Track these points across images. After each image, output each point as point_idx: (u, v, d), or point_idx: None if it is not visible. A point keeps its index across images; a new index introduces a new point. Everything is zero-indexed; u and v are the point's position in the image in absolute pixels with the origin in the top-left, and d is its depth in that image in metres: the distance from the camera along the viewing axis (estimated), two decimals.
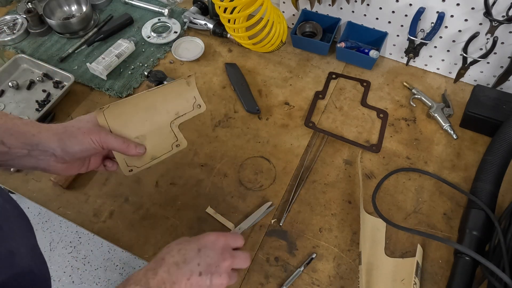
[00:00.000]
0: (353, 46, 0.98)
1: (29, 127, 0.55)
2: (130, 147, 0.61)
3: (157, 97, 0.66)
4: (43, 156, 0.55)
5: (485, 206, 0.70)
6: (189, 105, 0.68)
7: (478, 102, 0.84)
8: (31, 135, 0.54)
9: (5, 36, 1.06)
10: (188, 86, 0.68)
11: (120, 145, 0.60)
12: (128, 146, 0.61)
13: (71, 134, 0.56)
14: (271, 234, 0.75)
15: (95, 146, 0.57)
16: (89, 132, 0.57)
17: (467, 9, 0.82)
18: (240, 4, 0.89)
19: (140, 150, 0.62)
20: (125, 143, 0.60)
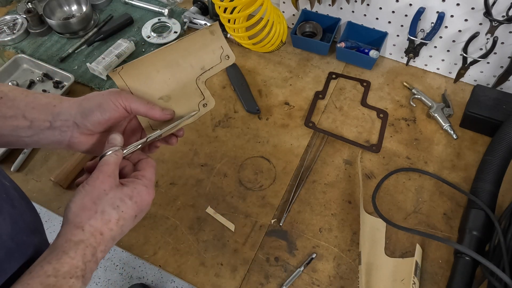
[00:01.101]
0: (353, 46, 0.98)
1: (50, 99, 0.53)
2: (155, 110, 0.55)
3: (178, 51, 0.59)
4: (66, 127, 0.52)
5: (485, 206, 0.70)
6: (216, 56, 0.60)
7: (478, 102, 0.84)
8: (52, 106, 0.52)
9: (5, 36, 1.06)
10: (212, 35, 0.60)
11: (144, 106, 0.54)
12: (152, 108, 0.54)
13: (90, 98, 0.53)
14: (271, 234, 0.75)
15: (116, 108, 0.52)
16: (109, 94, 0.53)
17: (467, 9, 0.82)
18: (240, 4, 0.89)
19: (168, 114, 0.56)
20: (149, 104, 0.54)
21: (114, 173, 0.48)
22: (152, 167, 0.53)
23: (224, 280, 0.70)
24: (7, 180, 0.48)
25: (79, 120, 0.52)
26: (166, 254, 0.73)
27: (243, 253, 0.73)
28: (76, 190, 0.47)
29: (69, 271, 0.42)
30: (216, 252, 0.73)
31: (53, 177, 0.80)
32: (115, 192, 0.47)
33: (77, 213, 0.45)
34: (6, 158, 0.85)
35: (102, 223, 0.46)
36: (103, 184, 0.47)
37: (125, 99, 0.53)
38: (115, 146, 0.51)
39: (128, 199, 0.48)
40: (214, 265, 0.72)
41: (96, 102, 0.52)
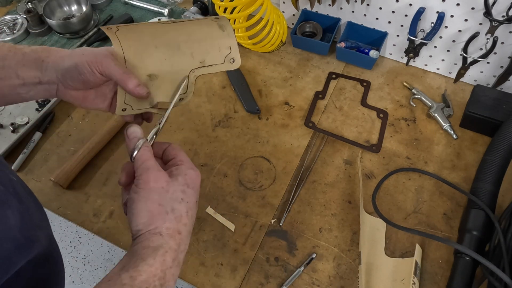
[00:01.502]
0: (353, 46, 0.98)
1: (39, 53, 0.52)
2: (130, 81, 0.51)
3: (182, 34, 0.54)
4: (52, 82, 0.52)
5: (485, 206, 0.70)
6: (221, 56, 0.55)
7: (478, 102, 0.84)
8: (40, 61, 0.52)
9: (5, 36, 1.06)
10: (222, 31, 0.55)
11: (119, 74, 0.51)
12: (128, 78, 0.51)
13: (71, 57, 0.51)
14: (271, 234, 0.75)
15: (91, 72, 0.50)
16: (89, 55, 0.50)
17: (467, 9, 0.82)
18: (240, 4, 0.89)
19: (140, 91, 0.51)
20: (126, 74, 0.51)
21: (159, 166, 0.47)
22: (181, 150, 0.51)
23: (224, 280, 0.70)
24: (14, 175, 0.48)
25: (60, 77, 0.52)
26: None
27: (243, 253, 0.73)
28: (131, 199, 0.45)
29: (147, 280, 0.40)
30: (216, 252, 0.73)
31: (53, 177, 0.80)
32: (174, 186, 0.46)
33: (148, 222, 0.44)
34: (6, 158, 0.85)
35: (176, 222, 0.45)
36: (158, 182, 0.45)
37: (101, 64, 0.50)
38: (138, 139, 0.48)
39: (187, 187, 0.47)
40: (214, 265, 0.72)
41: (74, 63, 0.50)
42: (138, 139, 0.48)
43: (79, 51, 0.52)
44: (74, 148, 0.87)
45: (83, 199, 0.80)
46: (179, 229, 0.45)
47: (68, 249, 1.71)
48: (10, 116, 0.91)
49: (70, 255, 1.70)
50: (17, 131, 0.88)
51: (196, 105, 0.93)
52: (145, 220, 0.43)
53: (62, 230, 1.76)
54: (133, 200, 0.44)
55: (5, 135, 0.87)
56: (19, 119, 0.90)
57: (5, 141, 0.86)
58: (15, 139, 0.86)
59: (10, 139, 0.86)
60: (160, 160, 0.52)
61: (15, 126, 0.88)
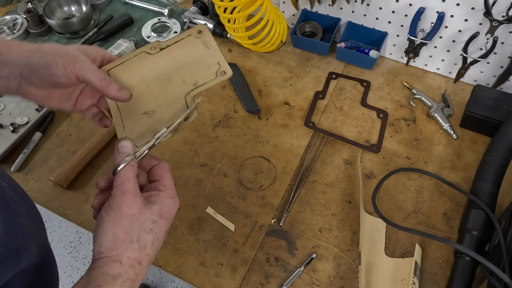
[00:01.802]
0: (353, 46, 0.98)
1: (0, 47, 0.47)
2: (111, 87, 0.49)
3: (170, 63, 0.55)
4: (13, 78, 0.48)
5: (485, 206, 0.70)
6: (211, 72, 0.56)
7: (478, 102, 0.84)
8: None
9: (5, 36, 1.06)
10: (207, 48, 0.56)
11: (99, 80, 0.48)
12: (109, 84, 0.49)
13: (42, 54, 0.47)
14: (271, 234, 0.75)
15: (65, 73, 0.47)
16: (64, 55, 0.47)
17: (467, 9, 0.82)
18: (240, 4, 0.89)
19: (123, 95, 0.50)
20: (106, 80, 0.48)
21: (137, 191, 0.45)
22: (168, 172, 0.50)
23: (224, 280, 0.70)
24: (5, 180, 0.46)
25: (25, 73, 0.47)
26: (166, 254, 0.73)
27: (243, 253, 0.73)
28: (100, 217, 0.44)
29: None
30: (216, 252, 0.73)
31: (53, 177, 0.80)
32: (146, 215, 0.44)
33: (111, 247, 0.43)
34: (6, 158, 0.85)
35: (139, 252, 0.43)
36: (130, 208, 0.44)
37: (79, 69, 0.47)
38: (126, 155, 0.47)
39: (159, 218, 0.45)
40: (214, 265, 0.72)
41: (46, 62, 0.47)
42: (126, 155, 0.47)
43: (50, 48, 0.48)
44: (74, 148, 0.87)
45: (83, 199, 0.80)
46: (140, 259, 0.44)
47: (68, 249, 1.71)
48: (10, 116, 0.91)
49: (70, 255, 1.70)
50: (17, 131, 0.88)
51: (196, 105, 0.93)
52: (109, 244, 0.43)
53: (62, 230, 1.76)
54: (103, 219, 0.44)
55: (5, 135, 0.87)
56: (19, 119, 0.90)
57: (5, 141, 0.86)
58: (15, 139, 0.86)
59: (10, 139, 0.86)
60: (145, 175, 0.51)
61: (15, 126, 0.88)
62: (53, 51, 0.47)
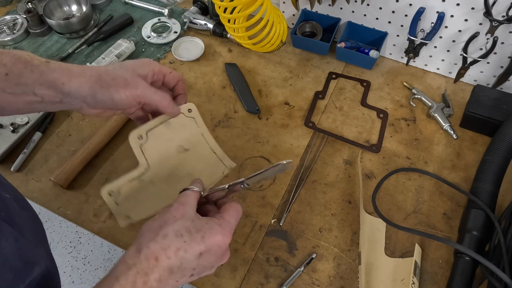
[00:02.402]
0: (353, 46, 0.98)
1: (59, 75, 0.51)
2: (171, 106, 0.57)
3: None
4: (76, 102, 0.52)
5: (485, 206, 0.70)
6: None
7: (478, 102, 0.84)
8: (60, 83, 0.50)
9: (5, 36, 1.06)
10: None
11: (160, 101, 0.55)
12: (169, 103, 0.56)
13: (103, 84, 0.51)
14: (271, 234, 0.75)
15: (129, 102, 0.52)
16: (125, 85, 0.51)
17: (467, 9, 0.82)
18: (240, 4, 0.89)
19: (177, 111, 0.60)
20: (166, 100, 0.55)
21: (189, 203, 0.48)
22: (235, 211, 0.51)
23: (224, 280, 0.70)
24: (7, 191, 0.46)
25: (90, 101, 0.52)
26: None
27: (243, 253, 0.73)
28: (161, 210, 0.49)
29: None
30: None
31: (53, 177, 0.80)
32: (184, 221, 0.45)
33: (143, 233, 0.45)
34: (6, 158, 0.85)
35: (160, 248, 0.43)
36: (175, 211, 0.47)
37: (141, 96, 0.53)
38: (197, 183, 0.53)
39: (195, 232, 0.45)
40: None
41: (109, 95, 0.51)
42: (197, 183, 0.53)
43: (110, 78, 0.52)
44: (74, 148, 0.87)
45: (83, 199, 0.80)
46: (158, 255, 0.43)
47: (68, 249, 1.71)
48: (10, 116, 0.91)
49: (70, 255, 1.70)
50: (17, 131, 0.88)
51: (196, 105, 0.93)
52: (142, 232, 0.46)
53: (62, 230, 1.76)
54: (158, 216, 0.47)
55: (5, 135, 0.87)
56: (19, 119, 0.89)
57: (5, 141, 0.86)
58: (15, 139, 0.86)
59: (10, 139, 0.86)
60: (216, 210, 0.54)
61: (15, 126, 0.88)
62: (113, 81, 0.51)
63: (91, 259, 1.68)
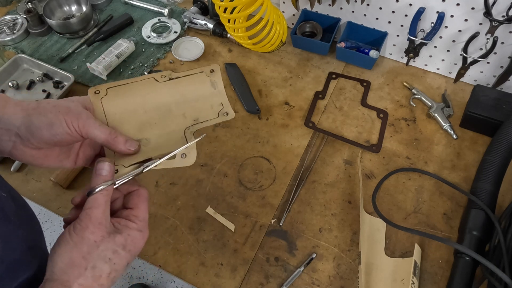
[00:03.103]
0: (353, 46, 0.98)
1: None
2: (118, 140, 0.47)
3: (173, 95, 0.54)
4: (7, 137, 0.45)
5: (485, 206, 0.70)
6: (214, 112, 0.55)
7: (478, 102, 0.84)
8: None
9: (5, 36, 1.06)
10: (213, 88, 0.56)
11: (105, 135, 0.46)
12: (116, 138, 0.47)
13: (41, 112, 0.45)
14: (271, 234, 0.75)
15: (70, 132, 0.45)
16: (66, 112, 0.45)
17: (467, 9, 0.82)
18: (240, 4, 0.89)
19: (131, 147, 0.48)
20: (112, 134, 0.47)
21: (105, 218, 0.43)
22: (145, 202, 0.47)
23: (224, 280, 0.70)
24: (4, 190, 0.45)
25: (23, 133, 0.45)
26: (166, 254, 0.73)
27: (243, 253, 0.73)
28: (61, 236, 0.43)
29: None
30: (216, 252, 0.73)
31: (53, 177, 0.80)
32: (107, 243, 0.42)
33: (65, 269, 0.41)
34: (6, 158, 0.85)
35: (92, 280, 0.41)
36: (93, 235, 0.42)
37: (83, 126, 0.45)
38: (104, 179, 0.45)
39: (122, 249, 0.43)
40: (214, 265, 0.72)
41: (47, 121, 0.44)
42: (104, 180, 0.45)
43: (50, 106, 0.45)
44: None
45: None
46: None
47: None
48: None
49: None
50: None
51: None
52: (63, 266, 0.41)
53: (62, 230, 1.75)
54: (63, 239, 0.43)
55: None
56: None
57: None
58: None
59: None
60: (121, 199, 0.49)
61: None
62: (53, 108, 0.45)
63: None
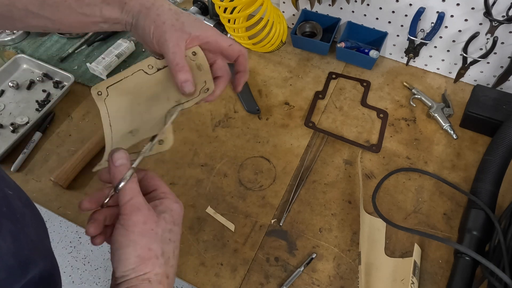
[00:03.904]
0: (353, 46, 0.98)
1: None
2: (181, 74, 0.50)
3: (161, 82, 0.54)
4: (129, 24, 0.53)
5: (485, 206, 0.70)
6: (197, 91, 0.54)
7: (478, 102, 0.84)
8: (123, 3, 0.51)
9: (5, 36, 1.06)
10: (199, 71, 0.55)
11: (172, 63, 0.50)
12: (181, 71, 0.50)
13: (146, 14, 0.51)
14: (271, 234, 0.75)
15: (152, 41, 0.51)
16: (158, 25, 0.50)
17: (467, 9, 0.82)
18: (240, 4, 0.89)
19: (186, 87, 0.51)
20: (179, 66, 0.50)
21: (147, 204, 0.43)
22: (160, 179, 0.49)
23: (224, 280, 0.70)
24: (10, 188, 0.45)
25: (134, 25, 0.52)
26: None
27: (243, 253, 0.73)
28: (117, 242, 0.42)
29: None
30: (216, 252, 0.73)
31: (53, 177, 0.80)
32: (162, 226, 0.43)
33: (137, 268, 0.41)
34: (6, 158, 0.85)
35: (165, 266, 0.42)
36: (147, 224, 0.42)
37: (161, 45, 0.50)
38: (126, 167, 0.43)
39: (174, 225, 0.44)
40: (214, 265, 0.72)
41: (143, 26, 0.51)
42: (126, 168, 0.43)
43: (154, 13, 0.51)
44: (74, 148, 0.87)
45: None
46: (167, 272, 0.43)
47: (68, 249, 1.71)
48: (10, 116, 0.91)
49: (70, 255, 1.70)
50: (17, 131, 0.88)
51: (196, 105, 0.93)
52: (134, 266, 0.40)
53: (62, 230, 1.76)
54: (120, 243, 0.41)
55: (5, 135, 0.87)
56: (19, 119, 0.90)
57: (5, 141, 0.86)
58: (15, 139, 0.86)
59: (10, 139, 0.86)
60: None
61: (15, 126, 0.88)
62: (155, 17, 0.50)
63: (91, 259, 1.68)
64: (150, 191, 0.47)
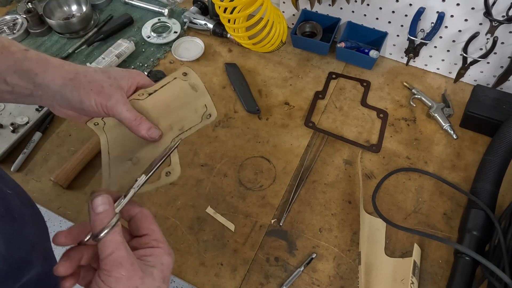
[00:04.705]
0: (353, 46, 0.98)
1: (34, 64, 0.46)
2: (142, 126, 0.48)
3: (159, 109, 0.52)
4: (46, 98, 0.47)
5: (485, 206, 0.70)
6: (198, 116, 0.54)
7: (478, 102, 0.84)
8: (34, 74, 0.46)
9: (5, 36, 1.06)
10: (195, 91, 0.54)
11: (130, 120, 0.47)
12: (140, 124, 0.47)
13: (76, 85, 0.46)
14: (271, 234, 0.75)
15: (97, 110, 0.46)
16: (98, 92, 0.46)
17: (467, 9, 0.82)
18: (240, 4, 0.89)
19: (152, 135, 0.49)
20: (137, 120, 0.47)
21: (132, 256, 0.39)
22: (154, 222, 0.44)
23: (224, 280, 0.70)
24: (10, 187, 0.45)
25: (58, 99, 0.47)
26: None
27: (243, 253, 0.73)
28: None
29: None
30: (216, 252, 0.73)
31: (53, 177, 0.80)
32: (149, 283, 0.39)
33: None
34: (6, 158, 0.85)
35: None
36: (132, 281, 0.37)
37: (111, 108, 0.47)
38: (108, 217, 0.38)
39: (163, 283, 0.40)
40: (214, 265, 0.72)
41: (78, 97, 0.46)
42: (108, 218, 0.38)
43: (86, 80, 0.47)
44: (74, 148, 0.87)
45: (83, 199, 0.80)
46: None
47: None
48: (10, 116, 0.91)
49: None
50: (17, 131, 0.88)
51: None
52: None
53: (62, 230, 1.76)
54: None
55: (5, 135, 0.87)
56: (19, 119, 0.90)
57: (5, 141, 0.86)
58: (15, 139, 0.86)
59: (10, 139, 0.86)
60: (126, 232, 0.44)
61: (15, 126, 0.88)
62: (88, 85, 0.46)
63: None
64: (142, 235, 0.43)
